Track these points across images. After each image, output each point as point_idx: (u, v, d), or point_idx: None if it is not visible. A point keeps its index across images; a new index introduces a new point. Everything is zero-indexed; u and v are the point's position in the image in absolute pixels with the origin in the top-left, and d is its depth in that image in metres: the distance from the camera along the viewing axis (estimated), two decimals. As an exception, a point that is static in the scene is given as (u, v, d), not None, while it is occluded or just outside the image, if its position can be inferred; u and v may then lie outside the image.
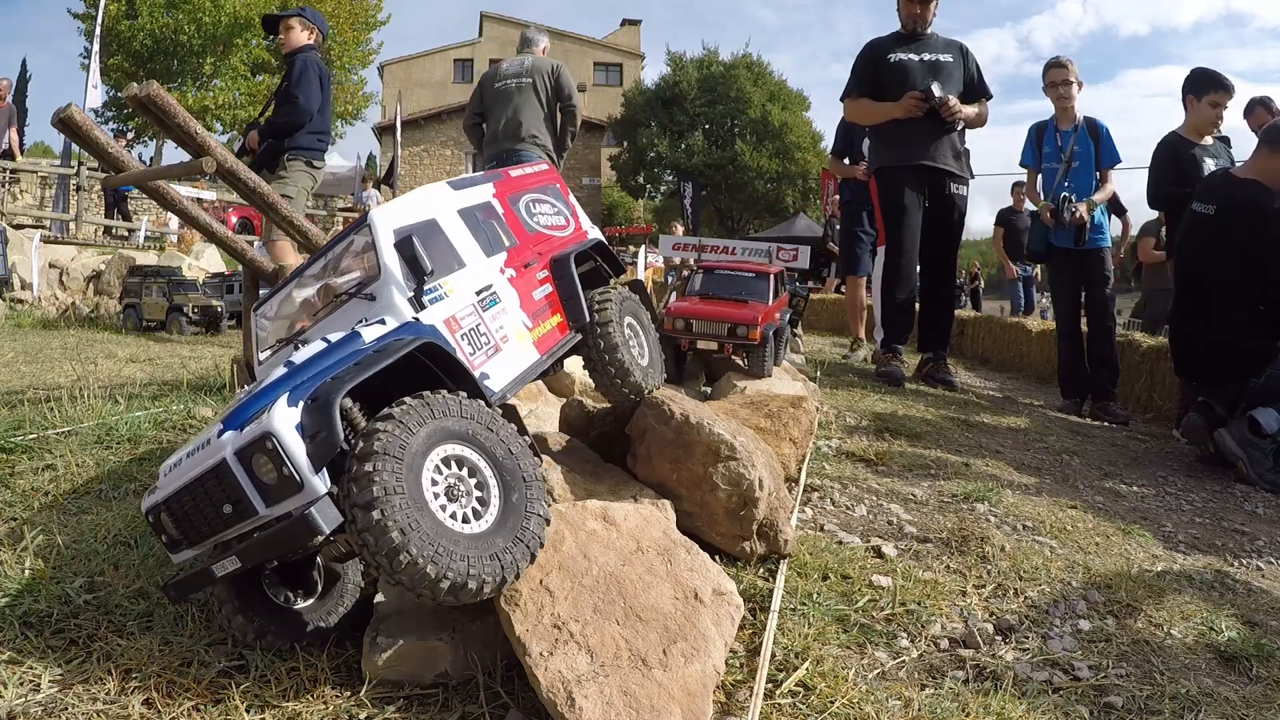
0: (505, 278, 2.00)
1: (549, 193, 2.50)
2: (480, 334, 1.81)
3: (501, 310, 1.92)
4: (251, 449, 1.30)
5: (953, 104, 4.61)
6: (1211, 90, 4.48)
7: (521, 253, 2.13)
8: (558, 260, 2.21)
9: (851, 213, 6.26)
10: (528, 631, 1.35)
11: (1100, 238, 4.84)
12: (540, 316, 2.06)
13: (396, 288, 1.66)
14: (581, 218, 2.58)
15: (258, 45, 25.87)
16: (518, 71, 4.85)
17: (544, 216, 2.38)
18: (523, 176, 2.44)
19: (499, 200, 2.20)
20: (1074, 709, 1.51)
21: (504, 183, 2.30)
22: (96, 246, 12.57)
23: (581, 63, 35.37)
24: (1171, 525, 2.75)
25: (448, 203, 2.00)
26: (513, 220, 2.21)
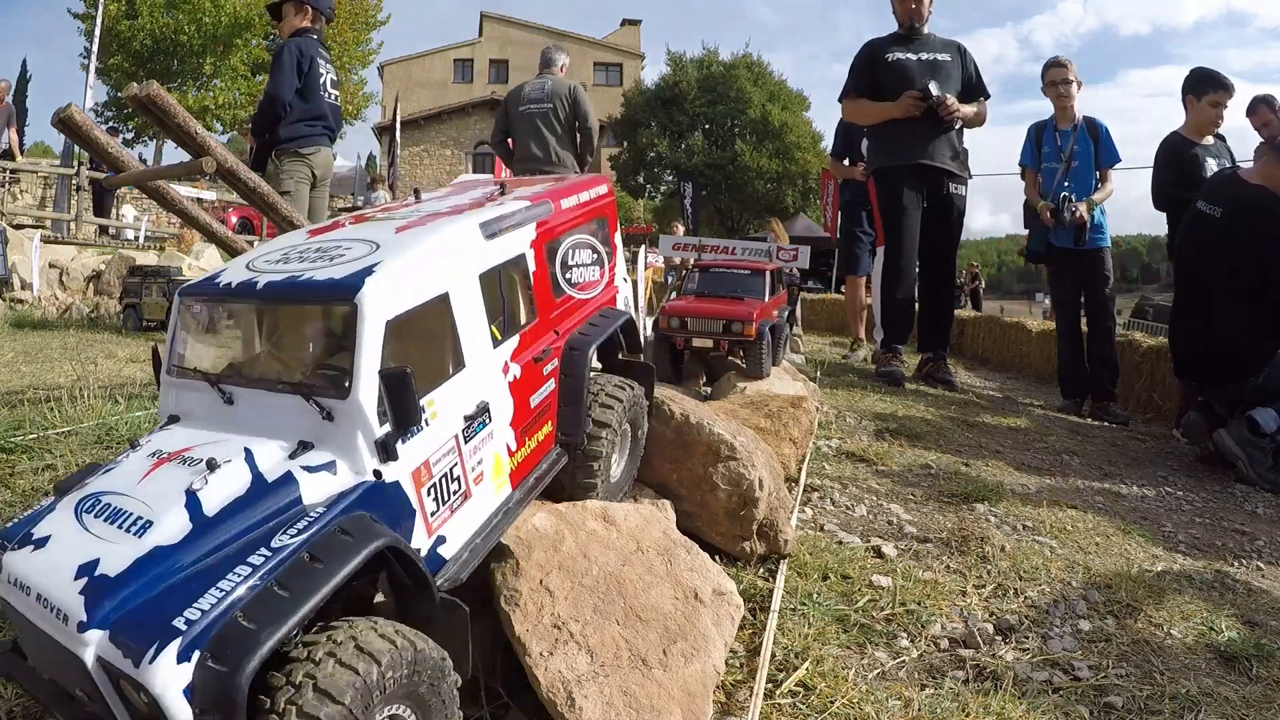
0: (507, 381, 1.53)
1: (596, 231, 1.99)
2: (452, 480, 1.37)
3: (488, 436, 1.46)
4: (121, 676, 0.97)
5: (951, 103, 4.61)
6: (1211, 90, 4.49)
7: (538, 334, 1.66)
8: (575, 353, 1.75)
9: (852, 213, 6.28)
10: (528, 631, 1.35)
11: (1100, 237, 4.85)
12: (529, 432, 1.62)
13: (364, 430, 1.20)
14: (619, 264, 2.11)
15: (258, 45, 25.88)
16: (539, 97, 5.20)
17: (579, 270, 1.89)
18: (574, 209, 1.89)
19: (536, 252, 1.69)
20: (1074, 709, 1.51)
21: (549, 221, 1.76)
22: (96, 246, 12.57)
23: (581, 63, 35.38)
24: (1171, 525, 2.75)
25: (471, 262, 1.47)
26: (543, 282, 1.71)
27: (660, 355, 3.94)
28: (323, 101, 4.56)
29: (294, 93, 4.43)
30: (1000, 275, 35.56)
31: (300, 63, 4.45)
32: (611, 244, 2.09)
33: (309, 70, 4.46)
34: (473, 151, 31.45)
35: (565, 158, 5.27)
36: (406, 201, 1.97)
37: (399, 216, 1.62)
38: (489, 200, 1.76)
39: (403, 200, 1.99)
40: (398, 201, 1.86)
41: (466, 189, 2.07)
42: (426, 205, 1.80)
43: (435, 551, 1.33)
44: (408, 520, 1.27)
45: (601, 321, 1.89)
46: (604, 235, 2.04)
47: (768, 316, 3.83)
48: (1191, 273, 3.96)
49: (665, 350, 3.90)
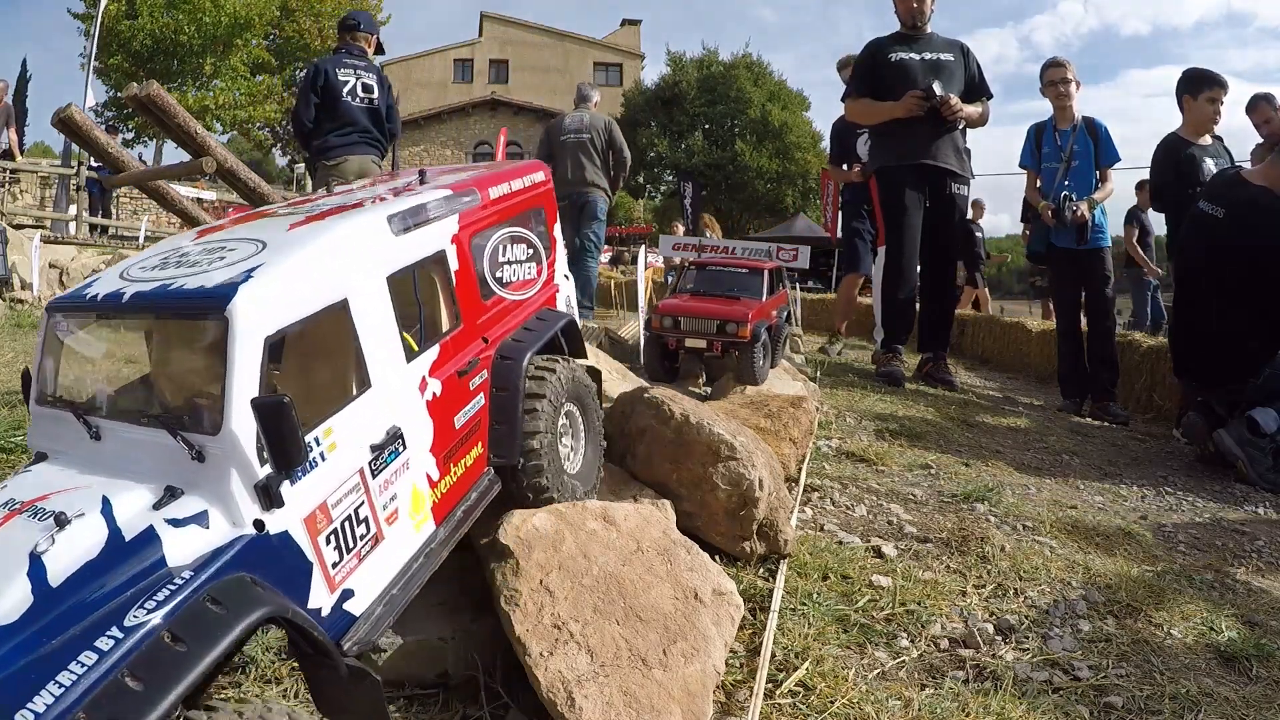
0: (425, 400, 1.31)
1: (530, 222, 1.78)
2: (358, 522, 1.16)
3: (401, 466, 1.26)
4: None
5: (953, 103, 4.61)
6: (1207, 87, 4.49)
7: (463, 343, 1.45)
8: (508, 362, 1.54)
9: (853, 212, 6.29)
10: (528, 631, 1.35)
11: (1101, 237, 4.84)
12: (454, 457, 1.40)
13: (240, 472, 1.01)
14: (559, 259, 1.90)
15: (258, 45, 25.88)
16: (578, 128, 5.83)
17: (513, 267, 1.67)
18: (505, 198, 1.68)
19: (458, 248, 1.47)
20: (1074, 709, 1.51)
21: (475, 212, 1.55)
22: (97, 246, 12.56)
23: (581, 63, 35.38)
24: (1171, 525, 2.75)
25: (377, 262, 1.26)
26: (466, 282, 1.49)
27: (652, 355, 3.86)
28: (350, 109, 4.68)
29: (312, 108, 4.64)
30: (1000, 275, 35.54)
31: (315, 80, 4.64)
32: (550, 237, 1.87)
33: (325, 84, 4.63)
34: (473, 151, 31.46)
35: (601, 181, 5.88)
36: (316, 195, 1.80)
37: (300, 211, 1.44)
38: (407, 190, 1.56)
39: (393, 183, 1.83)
40: (308, 194, 1.69)
41: (387, 180, 1.90)
42: (336, 198, 1.61)
43: (341, 609, 1.13)
44: (302, 576, 1.07)
45: (539, 325, 1.67)
46: (541, 228, 1.83)
47: (765, 317, 3.74)
48: (1192, 273, 3.96)
49: (657, 350, 3.82)
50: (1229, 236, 3.70)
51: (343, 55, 4.81)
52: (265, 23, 25.49)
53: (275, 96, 26.55)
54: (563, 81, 34.35)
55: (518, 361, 1.55)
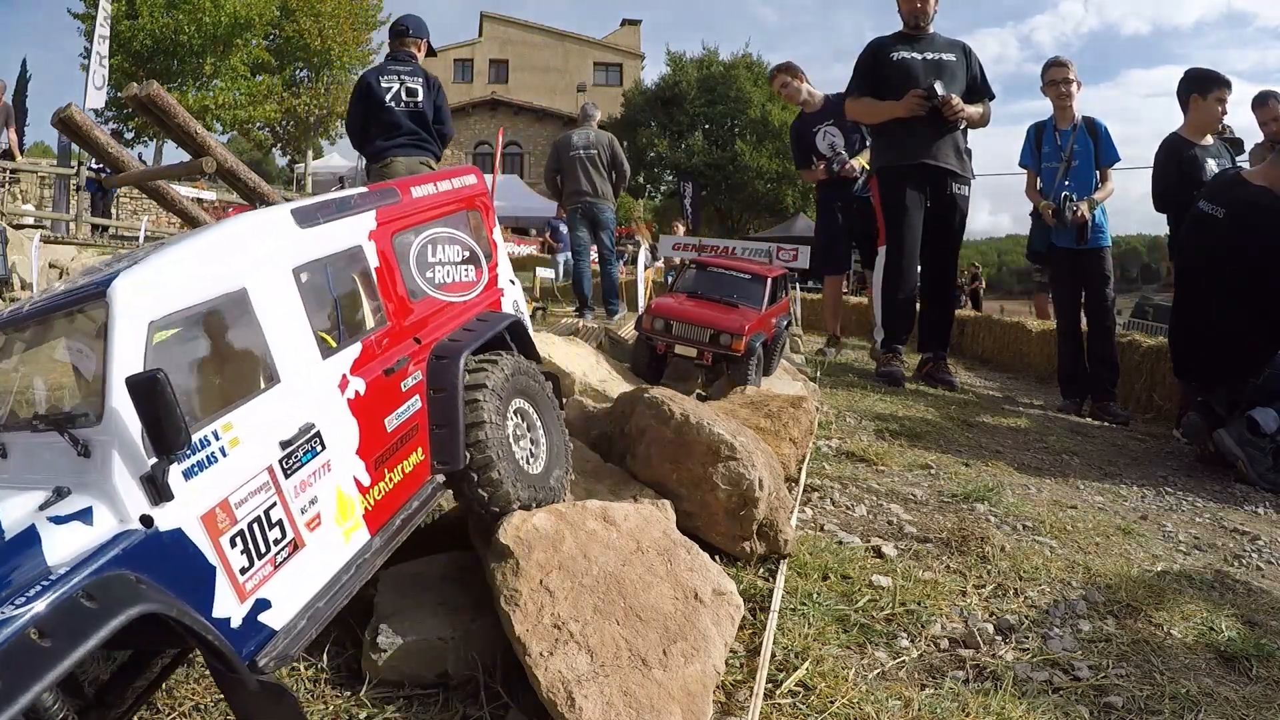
0: (345, 399, 1.26)
1: (462, 224, 1.74)
2: (269, 525, 1.11)
3: (322, 467, 1.21)
4: None
5: (955, 103, 4.61)
6: (1216, 87, 4.48)
7: (390, 342, 1.41)
8: (443, 362, 1.48)
9: (824, 212, 6.18)
10: (528, 631, 1.35)
11: (1101, 237, 4.84)
12: (388, 462, 1.35)
13: (123, 462, 0.97)
14: (501, 264, 1.85)
15: (257, 45, 25.88)
16: (585, 145, 6.41)
17: (445, 269, 1.63)
18: (430, 199, 1.65)
19: (377, 245, 1.44)
20: (1074, 709, 1.51)
21: (395, 210, 1.52)
22: (97, 246, 12.56)
23: (581, 63, 35.39)
24: (1171, 525, 2.75)
25: (279, 253, 1.23)
26: (390, 280, 1.45)
27: (640, 357, 3.73)
28: (393, 114, 4.91)
29: (358, 118, 4.96)
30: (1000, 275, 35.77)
31: (361, 91, 4.94)
32: (490, 241, 1.83)
33: (367, 93, 4.92)
34: (473, 151, 31.46)
35: (606, 191, 6.48)
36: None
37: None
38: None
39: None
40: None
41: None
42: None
43: (256, 621, 1.06)
44: (202, 580, 1.01)
45: (479, 326, 1.63)
46: (478, 231, 1.79)
47: (762, 329, 3.62)
48: (1193, 272, 3.96)
49: (645, 352, 3.67)
50: (1229, 236, 3.70)
51: (387, 62, 5.05)
52: (265, 23, 25.49)
53: (275, 96, 26.56)
54: (562, 81, 34.37)
55: (454, 360, 1.48)
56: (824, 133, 5.90)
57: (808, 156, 6.06)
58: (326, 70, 28.18)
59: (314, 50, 27.23)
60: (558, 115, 31.67)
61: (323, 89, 28.02)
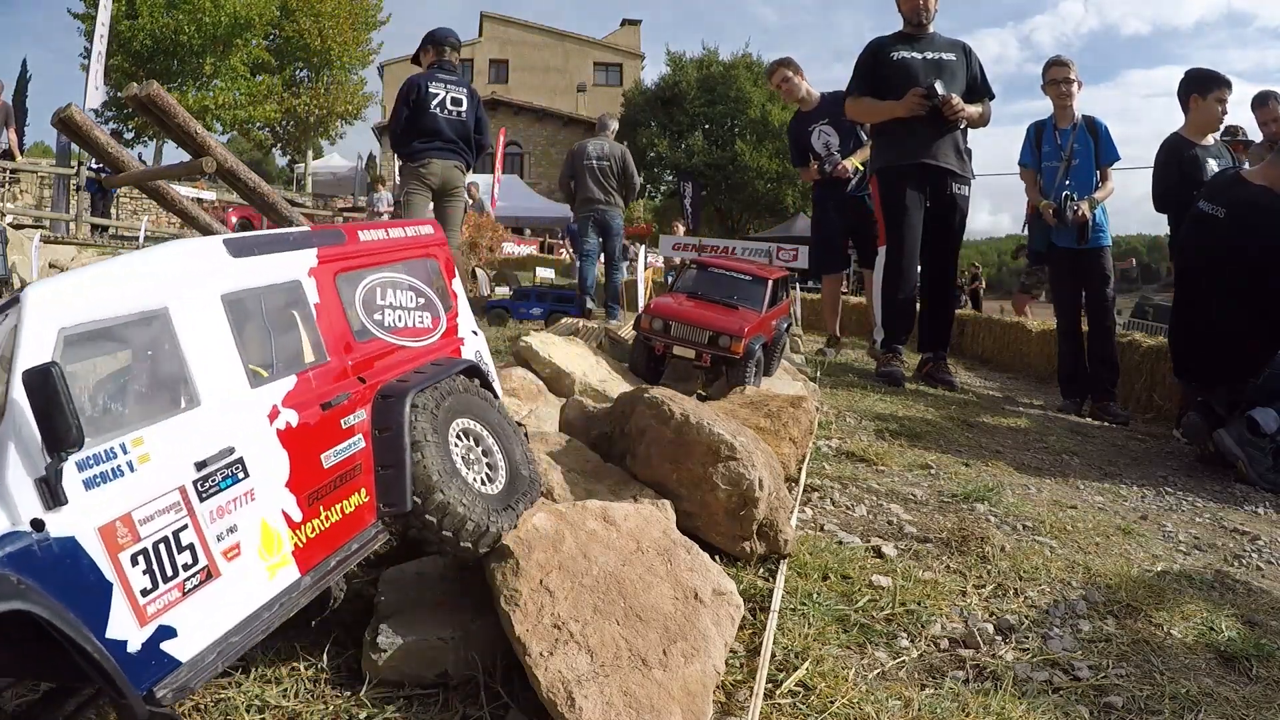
0: (275, 429, 1.24)
1: (418, 272, 1.74)
2: (178, 548, 1.08)
3: (244, 495, 1.18)
4: None
5: (955, 102, 4.60)
6: (1216, 87, 4.49)
7: (328, 379, 1.38)
8: (389, 401, 1.44)
9: (820, 212, 6.15)
10: (528, 631, 1.35)
11: (1101, 236, 4.84)
12: (325, 499, 1.31)
13: (19, 460, 0.96)
14: (461, 314, 1.86)
15: (257, 45, 25.90)
16: (599, 155, 6.71)
17: (397, 313, 1.63)
18: (379, 244, 1.65)
19: (318, 282, 1.43)
20: (1074, 709, 1.51)
21: (339, 250, 1.52)
22: (97, 247, 12.57)
23: (581, 63, 35.37)
24: (1171, 525, 2.75)
25: (207, 278, 1.23)
26: (333, 318, 1.44)
27: (638, 357, 3.69)
28: (435, 119, 5.15)
29: (403, 120, 5.14)
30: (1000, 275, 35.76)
31: (408, 93, 5.15)
32: (449, 291, 1.82)
33: (418, 97, 5.13)
34: (473, 151, 31.40)
35: (617, 199, 6.81)
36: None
37: None
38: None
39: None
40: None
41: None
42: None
43: (157, 649, 1.03)
44: (95, 595, 0.98)
45: (431, 369, 1.59)
46: (435, 279, 1.79)
47: (762, 331, 3.59)
48: (1193, 272, 3.96)
49: (643, 353, 3.63)
50: (1229, 236, 3.71)
51: (435, 70, 5.26)
52: (265, 23, 25.51)
53: (275, 96, 26.58)
54: (563, 81, 34.35)
55: (399, 400, 1.43)
56: (819, 131, 5.90)
57: (804, 155, 6.05)
58: (326, 70, 28.21)
59: (314, 50, 27.26)
60: (558, 115, 31.65)
61: (323, 89, 28.04)
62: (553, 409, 2.86)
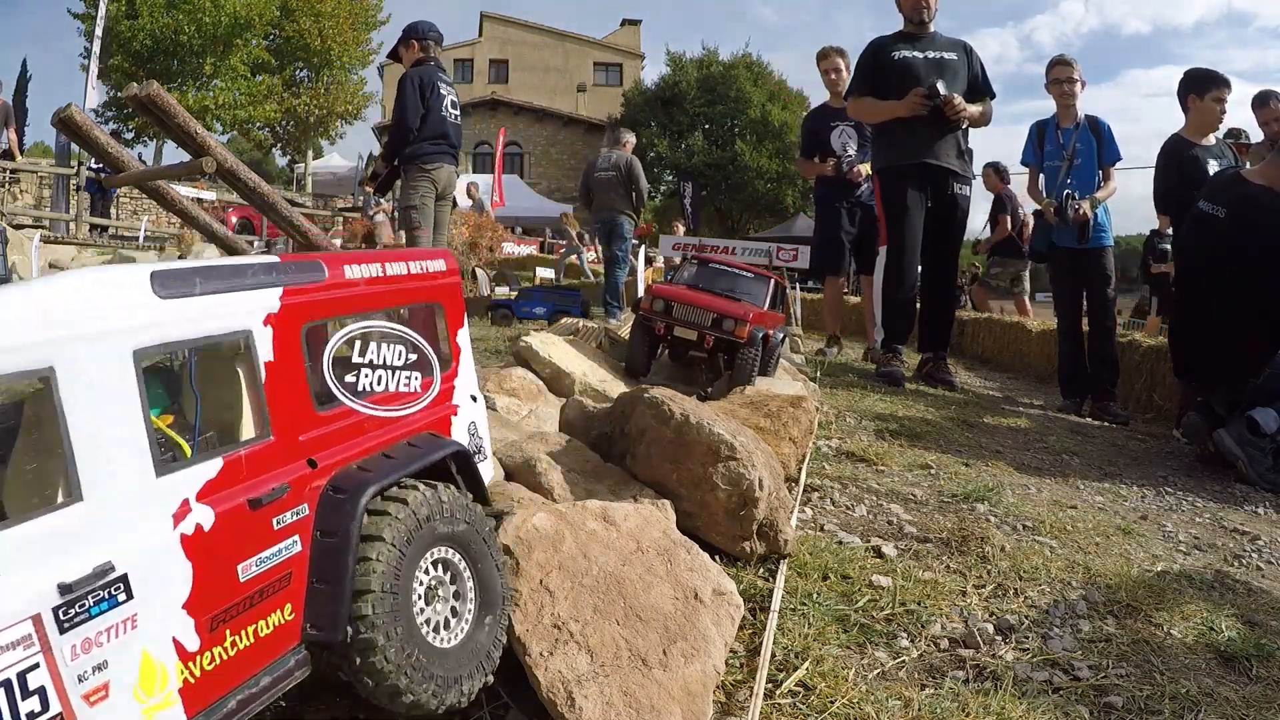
0: (178, 534, 0.94)
1: (418, 321, 1.41)
2: (24, 692, 0.81)
3: (123, 623, 0.88)
4: None
5: (957, 103, 4.60)
6: (1214, 87, 4.49)
7: (268, 462, 1.06)
8: (339, 497, 1.12)
9: (827, 210, 6.12)
10: (528, 631, 1.35)
11: (1103, 236, 4.84)
12: (232, 621, 1.01)
13: None
14: (462, 374, 1.50)
15: (257, 45, 25.91)
16: (607, 166, 7.01)
17: (378, 373, 1.29)
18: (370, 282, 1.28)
19: (276, 333, 1.09)
20: (1074, 709, 1.51)
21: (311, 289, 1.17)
22: (96, 247, 12.58)
23: (581, 63, 35.37)
24: (1171, 525, 2.75)
25: (117, 327, 0.91)
26: (287, 379, 1.11)
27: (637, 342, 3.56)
28: (444, 123, 4.95)
29: (419, 118, 4.85)
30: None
31: (422, 90, 4.86)
32: (452, 345, 1.46)
33: (431, 96, 4.87)
34: (473, 151, 31.43)
35: (624, 206, 7.01)
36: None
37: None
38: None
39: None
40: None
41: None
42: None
43: None
44: None
45: (405, 453, 1.25)
46: (436, 330, 1.43)
47: (764, 324, 3.55)
48: (1193, 272, 3.96)
49: (643, 338, 3.48)
50: (1229, 236, 3.70)
51: (434, 69, 5.04)
52: (265, 23, 25.52)
53: (275, 96, 26.59)
54: (563, 81, 34.34)
55: (353, 497, 1.11)
56: (841, 130, 5.92)
57: (816, 149, 6.05)
58: (326, 70, 28.22)
59: (314, 50, 27.27)
60: (558, 115, 31.64)
61: (323, 89, 28.05)
62: (553, 409, 2.86)
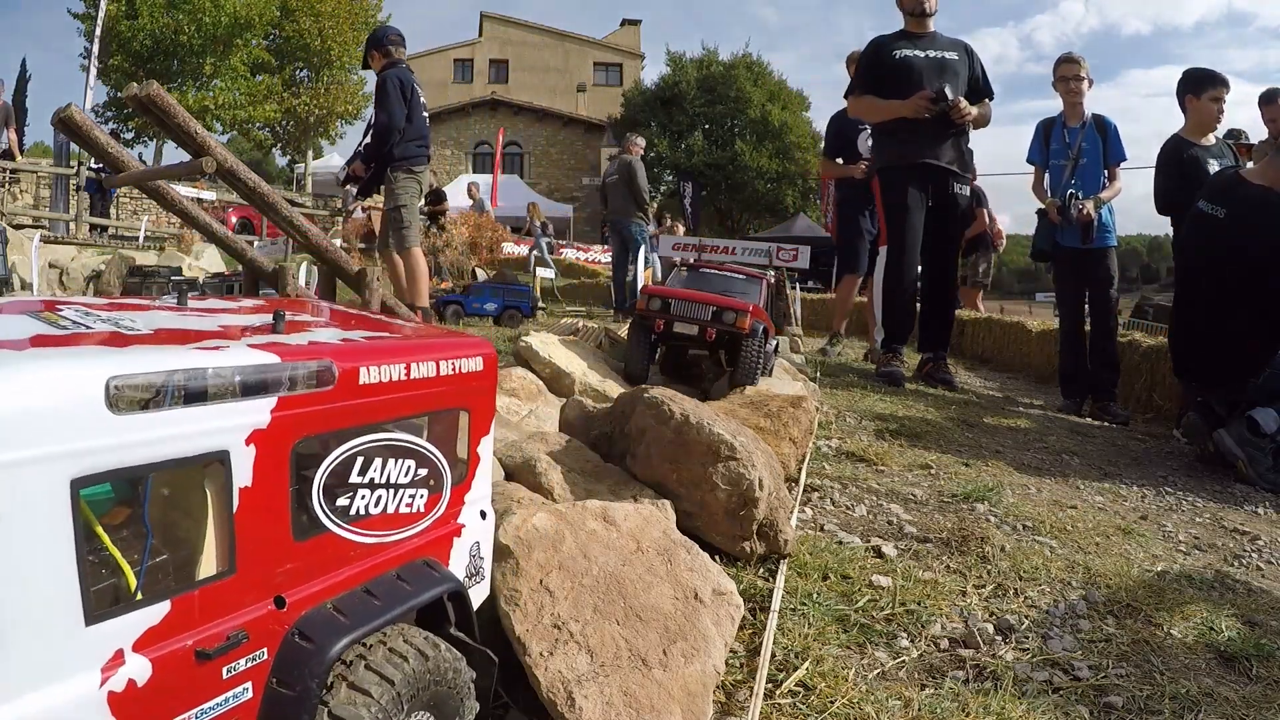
0: (104, 692, 0.75)
1: (437, 430, 1.16)
2: None
3: None
4: None
5: (963, 107, 4.61)
6: (1210, 87, 4.49)
7: (225, 602, 0.87)
8: (305, 649, 0.92)
9: (853, 211, 6.20)
10: (528, 631, 1.35)
11: (1107, 236, 4.82)
12: None
13: None
14: (478, 486, 1.24)
15: (257, 45, 25.92)
16: (609, 173, 7.83)
17: (376, 494, 1.05)
18: (390, 388, 1.03)
19: (260, 452, 0.88)
20: (1074, 709, 1.51)
21: (315, 399, 0.94)
22: (96, 247, 12.58)
23: (581, 63, 35.38)
24: (1171, 525, 2.75)
25: (55, 450, 0.70)
26: (267, 510, 0.90)
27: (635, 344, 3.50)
28: (424, 124, 4.99)
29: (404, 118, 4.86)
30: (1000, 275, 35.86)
31: (403, 90, 4.87)
32: (472, 454, 1.21)
33: (411, 97, 4.87)
34: (473, 151, 31.44)
35: (631, 209, 7.57)
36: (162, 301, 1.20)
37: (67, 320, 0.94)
38: (236, 331, 0.99)
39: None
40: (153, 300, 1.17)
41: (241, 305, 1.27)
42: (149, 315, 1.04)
43: None
44: None
45: (392, 591, 1.04)
46: (455, 438, 1.19)
47: (764, 320, 3.54)
48: (1193, 272, 3.96)
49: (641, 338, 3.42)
50: (1230, 236, 3.70)
51: (407, 70, 5.02)
52: (265, 23, 25.54)
53: (275, 96, 26.60)
54: (563, 81, 34.35)
55: (322, 649, 0.92)
56: (868, 134, 5.94)
57: (843, 151, 6.08)
58: (326, 70, 28.23)
59: (314, 50, 27.28)
60: (558, 115, 31.65)
61: (323, 89, 28.06)
62: (553, 409, 2.86)
